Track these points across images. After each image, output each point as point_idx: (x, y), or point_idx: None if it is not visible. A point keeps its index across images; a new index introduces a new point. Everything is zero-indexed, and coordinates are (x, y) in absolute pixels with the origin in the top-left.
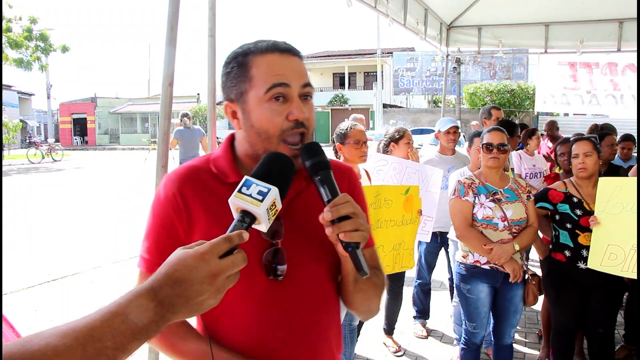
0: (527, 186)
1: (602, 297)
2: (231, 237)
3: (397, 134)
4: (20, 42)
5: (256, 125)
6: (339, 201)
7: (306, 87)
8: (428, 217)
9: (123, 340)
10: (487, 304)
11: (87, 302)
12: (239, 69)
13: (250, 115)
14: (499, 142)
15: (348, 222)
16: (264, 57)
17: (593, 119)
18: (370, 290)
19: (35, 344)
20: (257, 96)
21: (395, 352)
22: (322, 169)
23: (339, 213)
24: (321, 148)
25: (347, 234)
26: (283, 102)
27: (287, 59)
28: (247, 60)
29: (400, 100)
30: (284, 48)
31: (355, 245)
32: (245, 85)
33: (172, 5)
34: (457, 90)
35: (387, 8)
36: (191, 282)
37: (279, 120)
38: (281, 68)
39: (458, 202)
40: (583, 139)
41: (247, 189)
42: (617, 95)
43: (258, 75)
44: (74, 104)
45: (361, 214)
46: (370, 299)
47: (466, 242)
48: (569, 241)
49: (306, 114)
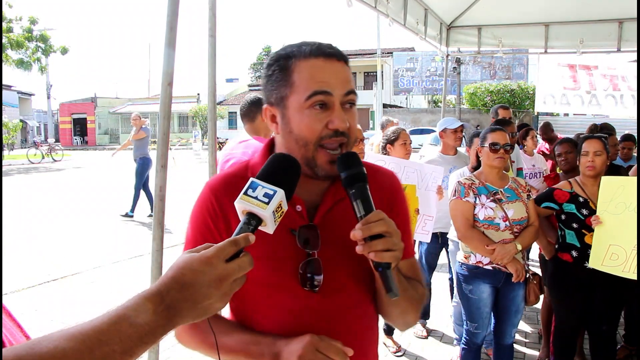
0: (526, 185)
1: (607, 296)
2: (237, 240)
3: (393, 135)
4: (20, 43)
5: (295, 131)
6: (371, 219)
7: (349, 94)
8: (428, 217)
9: (130, 343)
10: (489, 304)
11: (87, 302)
12: (280, 73)
13: (289, 121)
14: (505, 142)
15: (380, 242)
16: (307, 62)
17: (593, 119)
18: (406, 303)
19: (44, 346)
20: (298, 102)
21: (395, 352)
22: (357, 182)
23: (371, 232)
24: (359, 159)
25: (378, 254)
26: (324, 110)
27: (331, 65)
28: (289, 64)
29: (400, 100)
30: (328, 53)
31: (385, 266)
32: (286, 90)
33: (171, 6)
34: (457, 90)
35: (387, 8)
36: (198, 286)
37: (318, 127)
38: (324, 75)
39: (459, 203)
40: (594, 137)
41: (253, 191)
42: (617, 95)
43: (300, 81)
44: (74, 104)
45: (395, 233)
46: (407, 312)
47: (468, 243)
48: (575, 241)
49: (347, 124)
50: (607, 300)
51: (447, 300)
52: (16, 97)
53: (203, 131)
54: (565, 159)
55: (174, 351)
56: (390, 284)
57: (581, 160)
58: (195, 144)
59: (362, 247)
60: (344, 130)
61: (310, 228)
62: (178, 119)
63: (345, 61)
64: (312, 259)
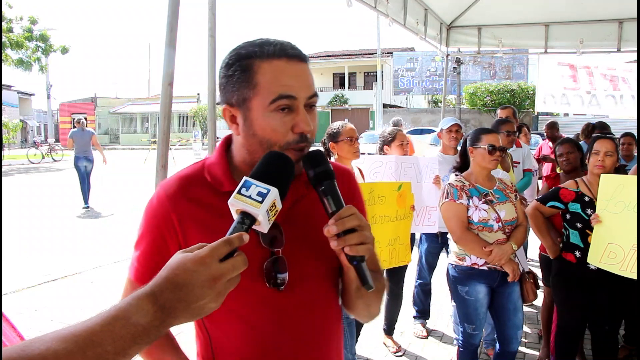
0: (512, 185)
1: (610, 297)
2: (231, 240)
3: (390, 136)
4: (20, 43)
5: (259, 134)
6: (344, 213)
7: (312, 97)
8: (431, 208)
9: (123, 344)
10: (485, 305)
11: (87, 302)
12: (242, 74)
13: (252, 123)
14: (501, 145)
15: (354, 236)
16: (270, 63)
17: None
18: (371, 295)
19: (35, 348)
20: (262, 105)
21: (395, 352)
22: (326, 179)
23: (345, 226)
24: (325, 157)
25: (353, 248)
26: (288, 113)
27: (295, 67)
28: (251, 65)
29: (400, 100)
30: (291, 54)
31: (360, 259)
32: (248, 92)
33: (171, 6)
34: (457, 90)
35: (387, 8)
36: (192, 286)
37: (284, 131)
38: (288, 78)
39: (453, 206)
40: (606, 137)
41: (246, 190)
42: (616, 95)
43: (263, 83)
44: (74, 104)
45: (366, 226)
46: (371, 303)
47: (464, 245)
48: (579, 241)
49: (311, 127)
50: (610, 301)
51: (447, 300)
52: (16, 97)
53: (203, 131)
54: (567, 159)
55: None
56: (365, 277)
57: (591, 159)
58: (195, 144)
59: (337, 242)
60: (308, 133)
61: (274, 227)
62: (178, 119)
63: (306, 62)
64: (276, 257)
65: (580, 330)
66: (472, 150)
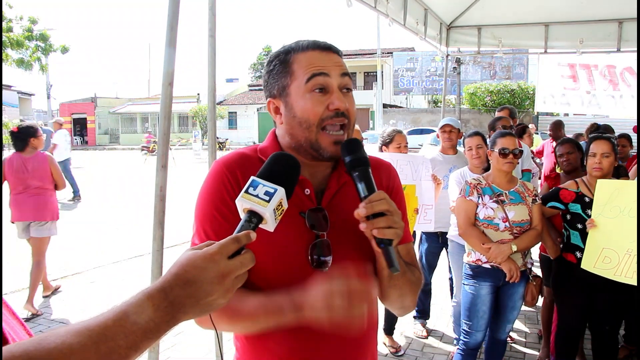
0: (533, 190)
1: (611, 297)
2: (239, 238)
3: (388, 138)
4: (20, 42)
5: (298, 114)
6: (374, 198)
7: (345, 76)
8: (427, 206)
9: (135, 339)
10: (487, 303)
11: (87, 302)
12: (280, 66)
13: (292, 107)
14: (514, 147)
15: (382, 219)
16: (304, 54)
17: (593, 119)
18: (404, 286)
19: (51, 341)
20: (299, 87)
21: (395, 352)
22: (360, 165)
23: (374, 210)
24: (361, 145)
25: (380, 231)
26: (324, 94)
27: (327, 55)
28: (288, 58)
29: (400, 100)
30: (324, 46)
31: (387, 242)
32: (287, 80)
33: (171, 6)
34: (457, 90)
35: (387, 8)
36: (201, 282)
37: (320, 109)
38: (321, 61)
39: (463, 202)
40: (603, 138)
41: (254, 189)
42: (616, 95)
43: (299, 69)
44: (74, 104)
45: (396, 212)
46: (405, 294)
47: (466, 239)
48: (579, 242)
49: (346, 105)
50: (610, 301)
51: (447, 300)
52: (16, 97)
53: (203, 131)
54: (567, 159)
55: (174, 351)
56: (392, 259)
57: (588, 161)
58: (195, 144)
59: (366, 224)
60: (344, 110)
61: (319, 211)
62: (178, 119)
63: (340, 54)
64: (320, 240)
65: (580, 330)
66: (490, 154)
